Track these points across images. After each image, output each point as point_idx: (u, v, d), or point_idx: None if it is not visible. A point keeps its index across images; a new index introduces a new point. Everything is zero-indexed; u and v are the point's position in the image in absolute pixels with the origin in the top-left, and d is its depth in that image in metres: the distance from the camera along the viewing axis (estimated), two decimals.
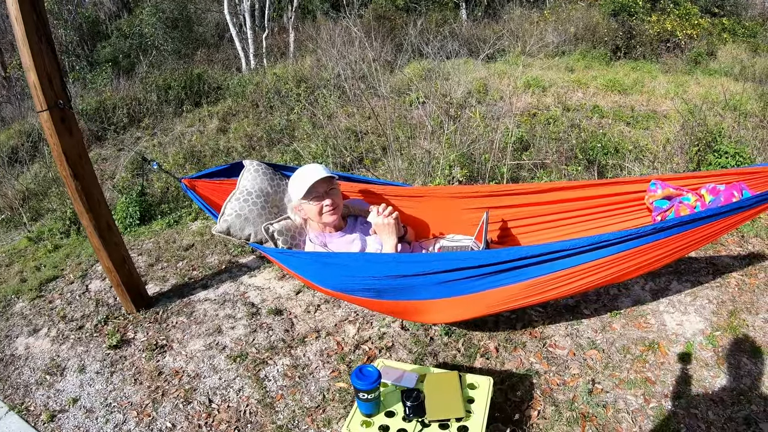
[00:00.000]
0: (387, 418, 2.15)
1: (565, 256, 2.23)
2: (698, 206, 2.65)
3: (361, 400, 2.11)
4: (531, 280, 2.31)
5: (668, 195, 2.73)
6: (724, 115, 6.66)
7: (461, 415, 2.08)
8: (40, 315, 4.09)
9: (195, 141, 8.50)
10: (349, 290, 2.58)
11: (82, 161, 3.29)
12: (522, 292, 2.37)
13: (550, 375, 2.81)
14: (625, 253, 2.20)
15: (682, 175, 2.98)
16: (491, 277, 2.34)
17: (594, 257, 2.22)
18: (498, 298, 2.42)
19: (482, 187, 3.79)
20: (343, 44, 8.80)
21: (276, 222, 2.83)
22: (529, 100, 8.85)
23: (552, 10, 16.20)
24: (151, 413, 2.89)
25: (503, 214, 3.12)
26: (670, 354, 2.89)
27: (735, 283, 3.48)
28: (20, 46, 2.94)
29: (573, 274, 2.27)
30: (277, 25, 17.21)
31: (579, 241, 2.22)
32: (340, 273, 2.54)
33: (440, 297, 2.47)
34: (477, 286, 2.38)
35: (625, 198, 2.94)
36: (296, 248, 2.85)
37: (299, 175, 2.75)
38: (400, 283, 2.46)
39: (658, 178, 2.81)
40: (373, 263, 2.52)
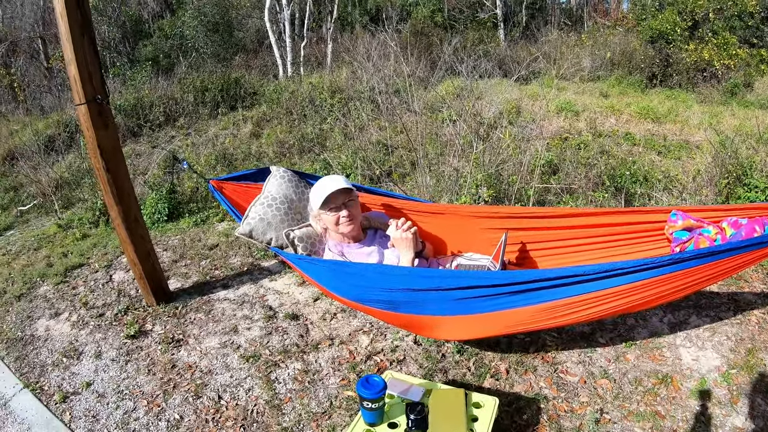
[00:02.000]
0: (389, 429, 2.18)
1: (582, 281, 2.23)
2: (718, 239, 2.61)
3: (365, 409, 2.14)
4: (546, 303, 2.31)
5: (689, 226, 2.71)
6: (757, 148, 6.54)
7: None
8: (63, 299, 4.23)
9: (228, 144, 8.65)
10: (364, 300, 2.61)
11: (115, 155, 3.40)
12: (536, 316, 2.37)
13: (559, 401, 2.80)
14: (642, 282, 2.19)
15: (704, 207, 2.95)
16: (506, 297, 2.35)
17: (610, 285, 2.21)
18: (512, 320, 2.43)
19: (502, 208, 3.80)
20: (379, 58, 8.89)
21: (297, 229, 2.90)
22: (561, 124, 8.83)
23: (589, 34, 16.14)
24: (161, 404, 2.97)
25: (522, 236, 3.12)
26: (682, 389, 2.85)
27: (756, 321, 3.40)
28: (63, 41, 3.08)
29: (588, 300, 2.27)
30: (315, 35, 17.44)
31: (596, 267, 2.21)
32: (356, 283, 2.58)
33: (454, 314, 2.48)
34: (491, 306, 2.39)
35: (645, 227, 2.92)
36: (315, 255, 2.91)
37: (319, 186, 2.82)
38: (415, 297, 2.48)
39: (679, 209, 2.79)
40: (388, 275, 2.55)
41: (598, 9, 23.17)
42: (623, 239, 2.96)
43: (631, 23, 16.47)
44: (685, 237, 2.69)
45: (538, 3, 22.42)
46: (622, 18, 18.07)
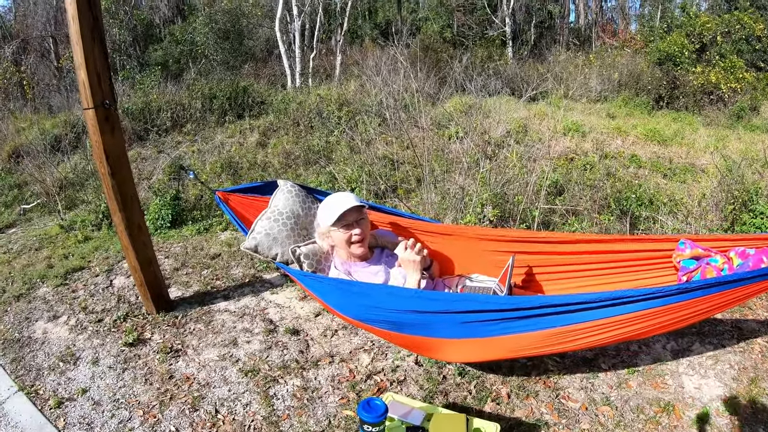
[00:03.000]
0: None
1: (588, 308, 2.21)
2: (725, 269, 2.60)
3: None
4: (551, 329, 2.29)
5: (696, 255, 2.69)
6: (763, 173, 6.52)
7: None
8: (62, 302, 4.22)
9: (234, 152, 8.67)
10: (368, 320, 2.60)
11: (121, 161, 3.40)
12: (541, 341, 2.35)
13: (560, 428, 2.76)
14: (648, 311, 2.17)
15: (712, 236, 2.94)
16: (512, 322, 2.33)
17: (616, 313, 2.19)
18: (517, 345, 2.41)
19: (510, 231, 3.80)
20: (388, 72, 8.91)
21: (303, 245, 2.88)
22: (567, 144, 8.82)
23: (597, 54, 16.19)
24: (157, 415, 2.94)
25: (529, 260, 3.10)
26: (684, 418, 2.82)
27: (759, 350, 3.37)
28: (74, 44, 3.09)
29: (594, 327, 2.25)
30: (325, 46, 17.54)
31: (602, 294, 2.20)
32: (361, 302, 2.56)
33: (458, 337, 2.47)
34: (497, 331, 2.37)
35: (652, 255, 2.91)
36: (321, 273, 2.89)
37: (331, 202, 2.80)
38: (420, 319, 2.47)
39: (687, 238, 2.78)
40: (394, 296, 2.53)
41: (606, 29, 23.31)
42: (630, 266, 2.94)
43: (639, 44, 16.57)
44: (693, 266, 2.68)
45: (547, 22, 22.56)
46: (630, 39, 18.16)
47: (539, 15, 21.83)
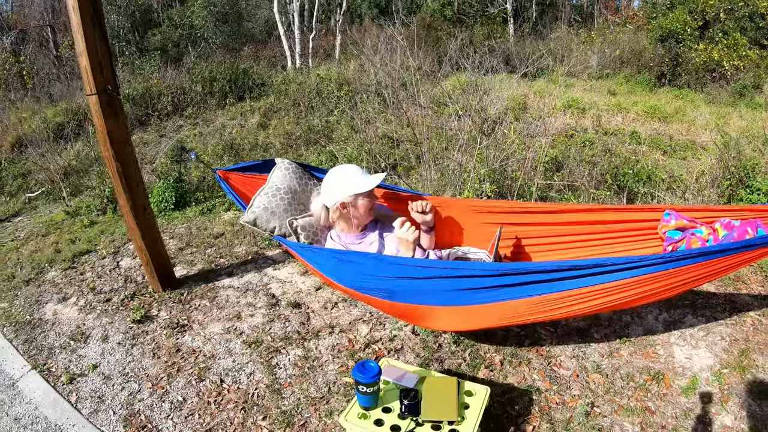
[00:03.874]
0: (383, 413, 2.25)
1: (575, 276, 2.28)
2: (710, 240, 2.65)
3: (360, 393, 2.21)
4: (539, 296, 2.36)
5: (682, 226, 2.75)
6: (763, 150, 6.55)
7: (454, 418, 2.17)
8: (71, 285, 4.32)
9: (235, 134, 8.73)
10: (362, 288, 2.68)
11: (124, 144, 3.49)
12: (529, 308, 2.42)
13: (551, 394, 2.87)
14: (633, 279, 2.24)
15: (697, 207, 2.99)
16: (501, 289, 2.41)
17: (602, 281, 2.26)
18: (506, 312, 2.49)
19: (499, 202, 3.87)
20: (386, 51, 8.92)
21: (300, 218, 2.97)
22: (567, 121, 8.84)
23: (599, 31, 16.08)
24: (165, 386, 3.06)
25: (517, 231, 3.17)
26: (674, 386, 2.91)
27: (751, 322, 3.45)
28: (75, 33, 3.15)
29: (581, 295, 2.32)
30: (324, 27, 17.46)
31: (589, 261, 2.28)
32: (354, 270, 2.65)
33: (449, 305, 2.55)
34: (486, 298, 2.45)
35: (638, 225, 2.97)
36: (317, 244, 2.98)
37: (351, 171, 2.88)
38: (411, 286, 2.55)
39: (672, 209, 2.83)
40: (386, 264, 2.62)
41: (609, 6, 23.10)
42: (617, 237, 3.00)
43: (642, 21, 16.43)
44: (678, 237, 2.74)
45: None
46: (633, 16, 18.00)
47: None
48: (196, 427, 2.75)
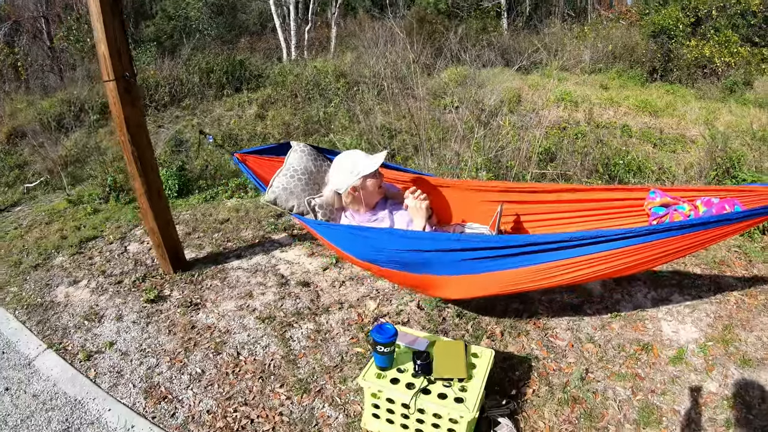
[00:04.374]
0: (398, 373, 2.46)
1: (569, 246, 2.51)
2: (692, 215, 2.85)
3: (378, 353, 2.40)
4: (537, 265, 2.59)
5: (665, 203, 2.95)
6: (752, 145, 6.75)
7: (463, 376, 2.38)
8: (80, 269, 4.44)
9: (233, 125, 8.84)
10: (376, 261, 2.89)
11: (140, 129, 3.64)
12: (528, 276, 2.65)
13: (548, 361, 3.07)
14: (622, 249, 2.46)
15: (681, 187, 3.19)
16: (502, 259, 2.63)
17: (594, 250, 2.48)
18: (507, 280, 2.71)
19: (499, 182, 4.08)
20: (384, 44, 9.07)
21: (318, 197, 3.18)
22: (560, 114, 9.03)
23: (592, 26, 16.26)
24: (183, 360, 3.22)
25: (516, 208, 3.38)
26: (662, 356, 3.12)
27: (734, 301, 3.66)
28: (94, 21, 3.28)
29: (575, 264, 2.54)
30: (319, 19, 17.53)
31: (582, 233, 2.50)
32: (369, 244, 2.85)
33: (456, 274, 2.77)
34: (489, 267, 2.68)
35: (626, 203, 3.17)
36: (333, 222, 3.19)
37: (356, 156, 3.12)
38: (421, 258, 2.76)
39: (657, 188, 3.04)
40: (398, 237, 2.83)
41: (602, 2, 23.29)
42: (607, 213, 3.21)
43: (635, 17, 16.61)
44: (662, 212, 2.94)
45: None
46: (626, 12, 18.19)
47: None
48: (217, 396, 2.92)
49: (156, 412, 2.84)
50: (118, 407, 2.89)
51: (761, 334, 3.30)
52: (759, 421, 2.64)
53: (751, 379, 2.93)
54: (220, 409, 2.82)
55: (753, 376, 2.95)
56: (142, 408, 2.88)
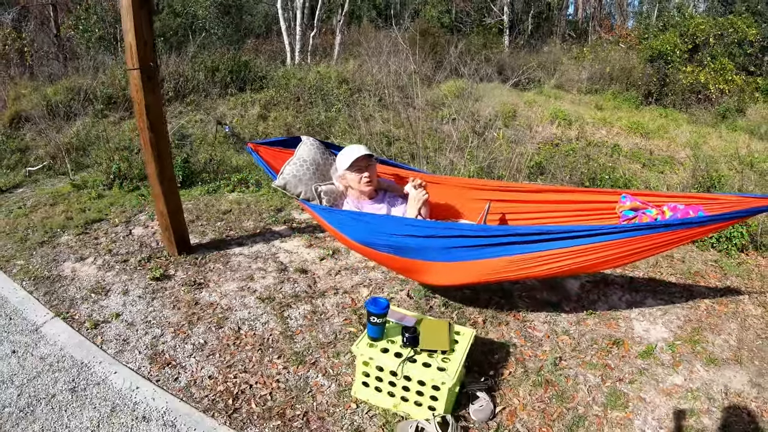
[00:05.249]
0: (388, 344, 2.72)
1: (545, 240, 2.79)
2: (658, 219, 3.12)
3: (371, 324, 2.66)
4: (515, 256, 2.86)
5: (635, 207, 3.22)
6: (739, 169, 7.02)
7: (446, 348, 2.64)
8: (86, 247, 4.60)
9: (235, 123, 9.06)
10: (373, 244, 3.17)
11: (159, 117, 3.88)
12: (507, 266, 2.91)
13: (525, 348, 3.34)
14: (592, 245, 2.74)
15: (650, 192, 3.47)
16: (483, 249, 2.92)
17: (567, 244, 2.76)
18: (487, 269, 2.97)
19: (488, 181, 4.42)
20: (387, 54, 9.34)
21: (323, 185, 3.49)
22: (554, 131, 9.32)
23: (592, 48, 16.59)
24: (187, 331, 3.45)
25: (503, 207, 3.66)
26: (632, 351, 3.38)
27: (705, 308, 3.94)
28: (123, 13, 3.52)
29: (550, 256, 2.81)
30: (325, 25, 17.81)
31: (558, 227, 2.84)
32: (367, 228, 3.14)
33: (443, 260, 3.04)
34: (471, 256, 2.96)
35: (601, 205, 3.45)
36: (336, 208, 3.47)
37: (347, 150, 3.42)
38: (412, 243, 3.04)
39: (628, 193, 3.33)
40: (391, 222, 3.17)
41: (604, 24, 23.71)
42: (583, 214, 3.49)
43: (634, 41, 16.96)
44: (631, 215, 3.22)
45: (545, 13, 22.94)
46: (626, 35, 18.53)
47: (537, 6, 22.21)
48: (218, 364, 3.15)
49: (160, 376, 3.06)
50: (123, 370, 3.08)
51: (728, 338, 3.56)
52: (720, 413, 2.88)
53: (715, 376, 3.18)
54: (221, 375, 3.05)
55: (718, 374, 3.20)
56: (147, 372, 3.08)
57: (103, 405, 2.81)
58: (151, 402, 2.84)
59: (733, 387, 3.10)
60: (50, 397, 2.85)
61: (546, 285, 4.11)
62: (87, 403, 2.82)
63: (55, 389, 2.91)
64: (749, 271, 4.60)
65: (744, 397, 3.02)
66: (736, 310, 3.93)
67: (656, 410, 2.89)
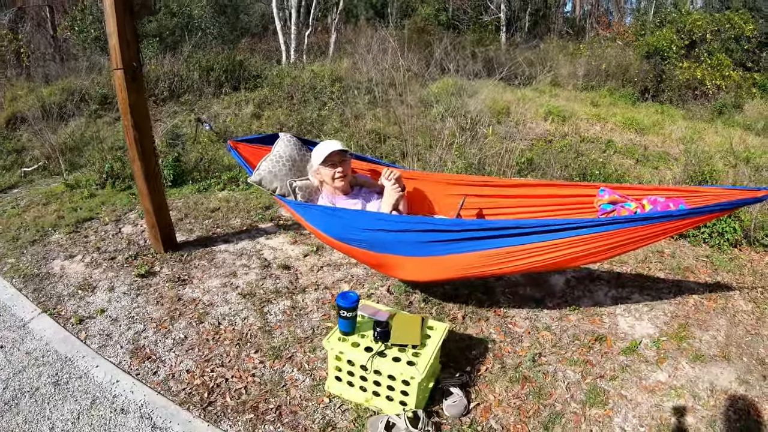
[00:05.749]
0: (359, 338, 2.71)
1: (521, 234, 2.74)
2: (638, 212, 3.06)
3: (342, 318, 2.65)
4: (490, 250, 2.82)
5: (613, 201, 3.18)
6: (734, 163, 6.98)
7: (417, 343, 2.63)
8: (76, 245, 4.67)
9: (229, 122, 9.06)
10: (346, 239, 3.15)
11: (143, 116, 3.93)
12: (482, 261, 2.87)
13: (504, 344, 3.32)
14: (569, 239, 2.69)
15: (629, 186, 3.42)
16: (457, 243, 2.88)
17: (544, 239, 2.71)
18: (462, 263, 2.93)
19: (465, 176, 4.36)
20: (379, 52, 9.32)
21: (298, 180, 3.49)
22: (547, 127, 9.29)
23: (588, 44, 16.55)
24: (168, 326, 3.48)
25: (479, 202, 3.63)
26: (615, 347, 3.34)
27: (693, 303, 3.89)
28: (107, 15, 3.59)
29: (526, 250, 2.76)
30: (320, 24, 17.78)
31: (533, 221, 2.77)
32: (341, 223, 3.13)
33: (416, 255, 3.02)
34: (445, 250, 2.92)
35: (579, 199, 3.41)
36: (311, 203, 3.46)
37: (321, 146, 3.40)
38: (386, 238, 3.02)
39: (606, 186, 3.28)
40: (364, 216, 3.14)
41: (601, 21, 23.69)
42: (561, 208, 3.46)
43: (631, 38, 16.93)
44: (609, 209, 3.17)
45: (542, 10, 22.90)
46: (623, 32, 18.49)
47: (534, 3, 22.18)
48: (196, 358, 3.16)
49: (140, 369, 3.08)
50: (105, 364, 3.13)
51: (716, 334, 3.51)
52: (705, 411, 2.85)
53: (701, 373, 3.13)
54: (198, 369, 3.06)
55: (704, 370, 3.15)
56: (128, 366, 3.11)
57: (84, 398, 2.87)
58: (129, 395, 2.89)
59: (720, 384, 3.06)
60: (34, 390, 2.92)
61: (530, 281, 4.09)
62: (68, 396, 2.88)
63: (39, 383, 2.98)
64: (741, 266, 4.56)
65: (731, 395, 2.98)
66: (726, 305, 3.88)
67: (637, 408, 2.86)
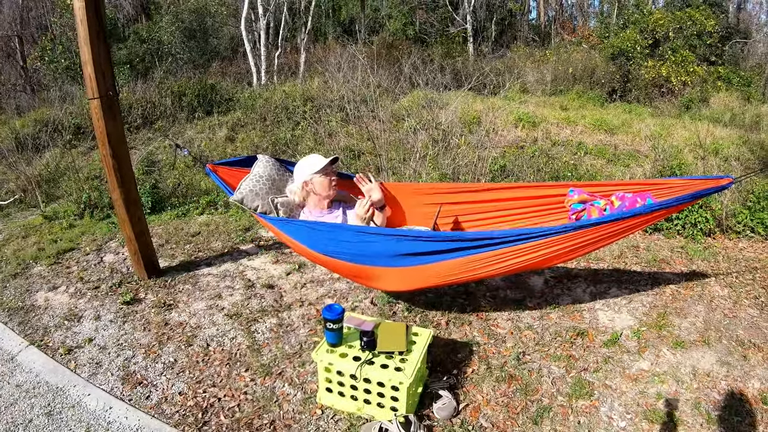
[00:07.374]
0: (347, 348, 2.78)
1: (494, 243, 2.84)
2: (607, 209, 3.18)
3: (328, 330, 2.72)
4: (466, 257, 2.90)
5: (583, 200, 3.29)
6: (702, 155, 7.16)
7: (403, 349, 2.71)
8: (58, 276, 4.65)
9: (204, 146, 9.09)
10: (328, 252, 3.21)
11: (120, 143, 3.96)
12: (459, 268, 2.95)
13: (489, 346, 3.41)
14: (541, 242, 2.78)
15: (596, 183, 3.53)
16: (434, 255, 2.96)
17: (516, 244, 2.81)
18: (440, 271, 3.01)
19: (438, 184, 4.58)
20: (349, 69, 9.42)
21: (279, 197, 3.55)
22: (518, 134, 9.46)
23: (554, 50, 16.84)
24: (157, 351, 3.50)
25: (455, 210, 3.73)
26: (596, 341, 3.45)
27: (670, 293, 4.03)
28: (81, 44, 3.63)
29: (500, 255, 2.85)
30: (290, 44, 17.88)
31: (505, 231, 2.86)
32: (322, 237, 3.20)
33: (395, 266, 3.09)
34: (423, 260, 3.00)
35: (549, 200, 3.52)
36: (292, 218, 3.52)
37: (314, 157, 3.50)
38: (365, 249, 3.10)
39: (575, 186, 3.39)
40: (346, 231, 3.19)
41: (566, 26, 24.15)
42: (532, 210, 3.56)
43: (596, 41, 17.28)
44: (580, 208, 3.27)
45: (508, 19, 23.26)
46: (588, 36, 18.86)
47: (500, 12, 22.52)
48: (188, 380, 3.20)
49: (132, 395, 3.11)
50: (97, 392, 3.14)
51: (695, 320, 3.65)
52: (689, 394, 2.96)
53: (682, 358, 3.26)
54: (190, 391, 3.10)
55: (685, 356, 3.28)
56: (120, 392, 3.13)
57: (78, 426, 2.88)
58: (124, 420, 2.91)
59: (702, 367, 3.17)
60: (27, 422, 2.92)
61: (509, 284, 4.20)
62: (63, 426, 2.89)
63: (31, 414, 2.98)
64: (715, 254, 4.71)
65: (713, 377, 3.10)
66: (703, 292, 4.02)
67: (622, 396, 2.96)
